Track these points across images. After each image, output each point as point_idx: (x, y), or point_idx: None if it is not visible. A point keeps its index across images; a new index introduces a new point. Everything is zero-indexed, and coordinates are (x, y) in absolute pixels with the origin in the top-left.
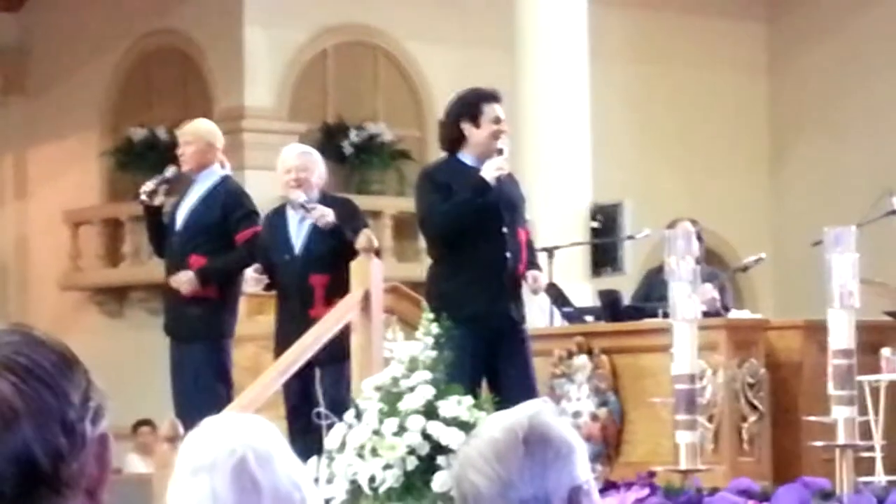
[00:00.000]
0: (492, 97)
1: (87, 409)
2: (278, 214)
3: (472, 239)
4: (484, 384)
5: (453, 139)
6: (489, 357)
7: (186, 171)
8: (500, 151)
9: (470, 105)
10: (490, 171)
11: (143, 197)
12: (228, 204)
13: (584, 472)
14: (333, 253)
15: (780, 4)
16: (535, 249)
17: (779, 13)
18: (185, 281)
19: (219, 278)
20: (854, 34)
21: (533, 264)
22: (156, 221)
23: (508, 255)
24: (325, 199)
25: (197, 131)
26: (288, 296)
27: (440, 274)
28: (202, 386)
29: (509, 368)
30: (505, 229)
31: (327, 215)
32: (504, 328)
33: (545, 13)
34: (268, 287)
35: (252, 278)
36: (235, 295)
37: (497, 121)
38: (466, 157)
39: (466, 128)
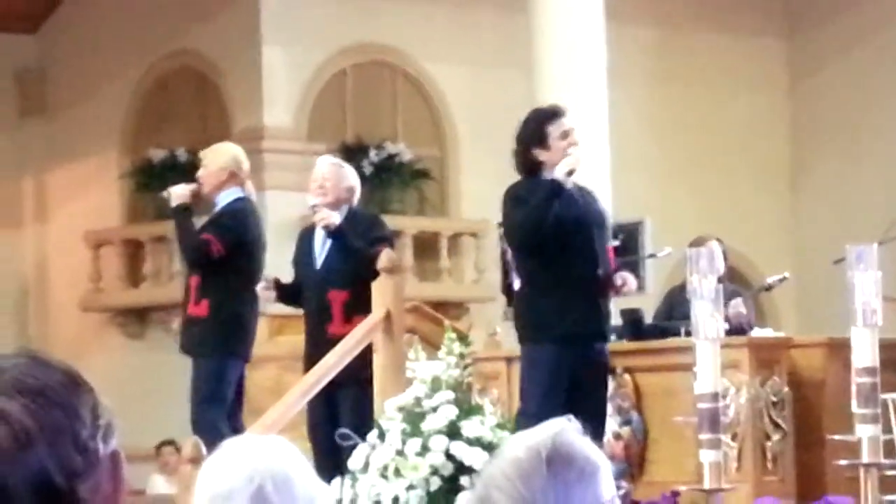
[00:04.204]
0: (554, 115)
1: (97, 427)
2: (308, 231)
3: (564, 256)
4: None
5: (530, 166)
6: (573, 376)
7: (206, 192)
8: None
9: (534, 131)
10: (562, 170)
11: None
12: (219, 217)
13: (608, 491)
14: (353, 269)
15: (799, 22)
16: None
17: (799, 31)
18: (177, 193)
19: (178, 224)
20: (874, 52)
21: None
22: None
23: (600, 272)
24: (352, 214)
25: (213, 153)
26: (310, 312)
27: (533, 293)
28: (197, 401)
29: (590, 389)
30: (595, 246)
31: (329, 217)
32: (594, 348)
33: (563, 31)
34: (297, 304)
35: (260, 291)
36: (233, 315)
37: (565, 135)
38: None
39: (538, 153)
